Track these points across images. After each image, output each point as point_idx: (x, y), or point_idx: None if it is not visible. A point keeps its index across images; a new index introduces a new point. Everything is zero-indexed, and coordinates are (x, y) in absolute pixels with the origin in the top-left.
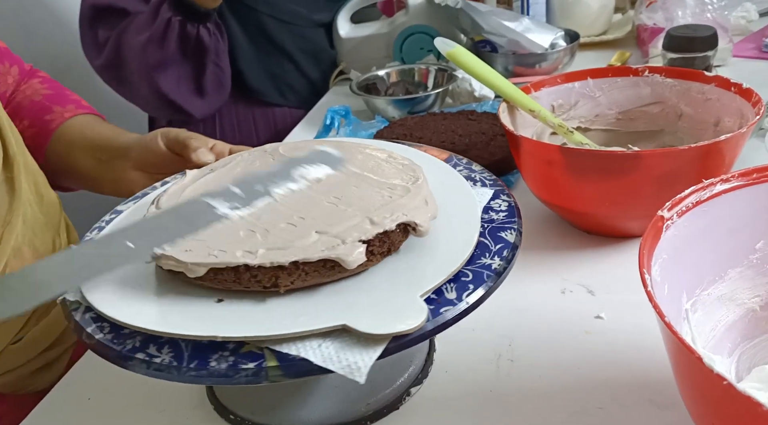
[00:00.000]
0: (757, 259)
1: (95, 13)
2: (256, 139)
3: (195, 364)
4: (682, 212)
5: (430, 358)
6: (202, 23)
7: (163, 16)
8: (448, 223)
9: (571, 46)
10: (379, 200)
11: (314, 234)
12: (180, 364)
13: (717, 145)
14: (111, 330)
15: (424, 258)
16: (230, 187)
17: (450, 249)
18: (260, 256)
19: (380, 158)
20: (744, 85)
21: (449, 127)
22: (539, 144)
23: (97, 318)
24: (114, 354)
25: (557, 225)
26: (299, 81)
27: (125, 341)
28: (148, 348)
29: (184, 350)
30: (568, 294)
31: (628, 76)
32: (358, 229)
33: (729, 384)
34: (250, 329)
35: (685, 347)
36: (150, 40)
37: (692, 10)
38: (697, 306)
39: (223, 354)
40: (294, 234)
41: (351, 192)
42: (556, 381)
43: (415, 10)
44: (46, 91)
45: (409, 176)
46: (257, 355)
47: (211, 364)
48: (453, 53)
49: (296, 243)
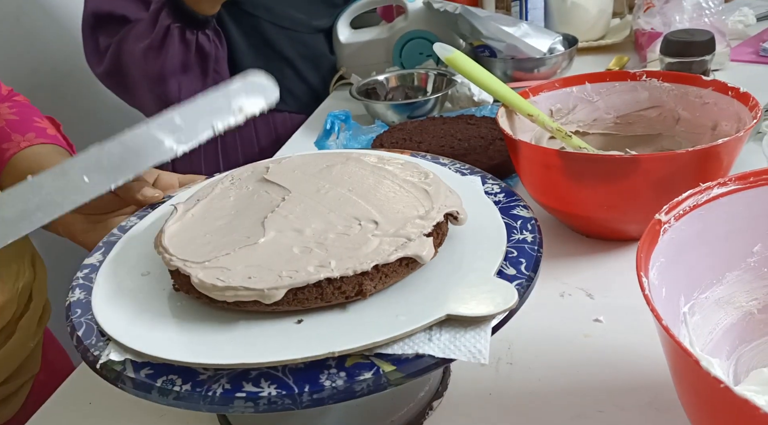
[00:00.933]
0: (754, 262)
1: (96, 20)
2: (256, 144)
3: (308, 389)
4: (680, 216)
5: (448, 369)
6: (201, 30)
7: (162, 23)
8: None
9: (570, 51)
10: (406, 196)
11: (372, 237)
12: (300, 391)
13: (714, 149)
14: (186, 380)
15: (465, 245)
16: (174, 117)
17: (484, 234)
18: (338, 268)
19: (376, 163)
20: (741, 90)
21: (448, 131)
22: (537, 148)
23: (160, 370)
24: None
25: (556, 228)
26: (299, 86)
27: (211, 384)
28: (259, 382)
29: (288, 377)
30: (567, 298)
31: (626, 80)
32: (414, 225)
33: (726, 388)
34: (355, 339)
35: (682, 350)
36: (150, 47)
37: (690, 14)
38: (695, 310)
39: (330, 371)
40: (352, 242)
41: (377, 192)
42: (555, 385)
43: (415, 15)
44: (12, 116)
45: (417, 171)
46: (366, 364)
47: (326, 384)
48: (452, 59)
49: (363, 250)
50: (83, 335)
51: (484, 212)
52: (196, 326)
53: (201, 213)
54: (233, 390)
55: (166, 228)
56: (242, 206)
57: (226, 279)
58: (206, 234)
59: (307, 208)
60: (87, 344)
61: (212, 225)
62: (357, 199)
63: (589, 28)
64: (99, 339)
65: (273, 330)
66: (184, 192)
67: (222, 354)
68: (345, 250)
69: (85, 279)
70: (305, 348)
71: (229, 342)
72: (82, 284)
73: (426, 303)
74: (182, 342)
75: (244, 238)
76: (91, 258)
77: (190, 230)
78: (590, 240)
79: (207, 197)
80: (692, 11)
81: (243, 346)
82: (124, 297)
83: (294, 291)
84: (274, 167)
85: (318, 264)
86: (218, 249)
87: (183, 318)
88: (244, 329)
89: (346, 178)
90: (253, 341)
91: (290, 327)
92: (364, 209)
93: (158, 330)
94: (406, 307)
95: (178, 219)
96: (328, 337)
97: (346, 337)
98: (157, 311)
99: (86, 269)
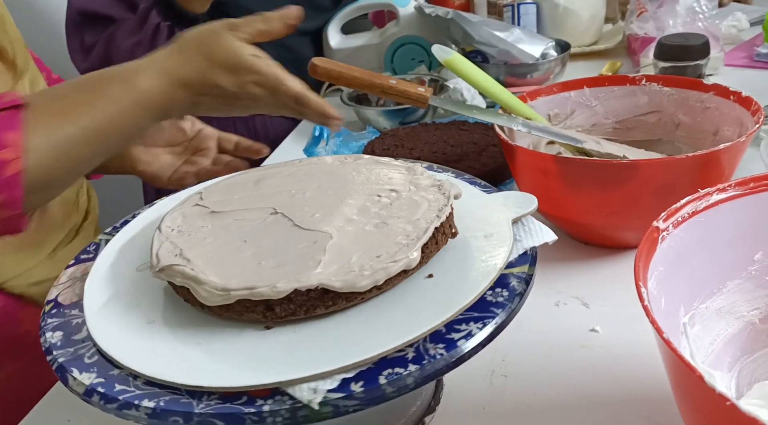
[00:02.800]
0: (755, 271)
1: (82, 18)
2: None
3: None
4: (678, 223)
5: (441, 383)
6: (190, 28)
7: (152, 22)
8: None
9: (562, 56)
10: (400, 177)
11: (400, 232)
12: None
13: (715, 155)
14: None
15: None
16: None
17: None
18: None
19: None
20: (743, 94)
21: (441, 137)
22: (534, 153)
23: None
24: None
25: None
26: None
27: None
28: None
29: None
30: (563, 307)
31: (625, 84)
32: (433, 210)
33: (733, 405)
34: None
35: (685, 365)
36: (139, 44)
37: (683, 19)
38: (695, 320)
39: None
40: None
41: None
42: (551, 398)
43: (406, 20)
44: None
45: (402, 164)
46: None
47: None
48: (450, 61)
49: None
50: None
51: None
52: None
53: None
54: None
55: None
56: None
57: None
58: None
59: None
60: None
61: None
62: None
63: (582, 34)
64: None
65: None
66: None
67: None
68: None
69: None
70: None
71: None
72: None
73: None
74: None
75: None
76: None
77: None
78: (588, 248)
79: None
80: (686, 16)
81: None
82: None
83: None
84: (211, 197)
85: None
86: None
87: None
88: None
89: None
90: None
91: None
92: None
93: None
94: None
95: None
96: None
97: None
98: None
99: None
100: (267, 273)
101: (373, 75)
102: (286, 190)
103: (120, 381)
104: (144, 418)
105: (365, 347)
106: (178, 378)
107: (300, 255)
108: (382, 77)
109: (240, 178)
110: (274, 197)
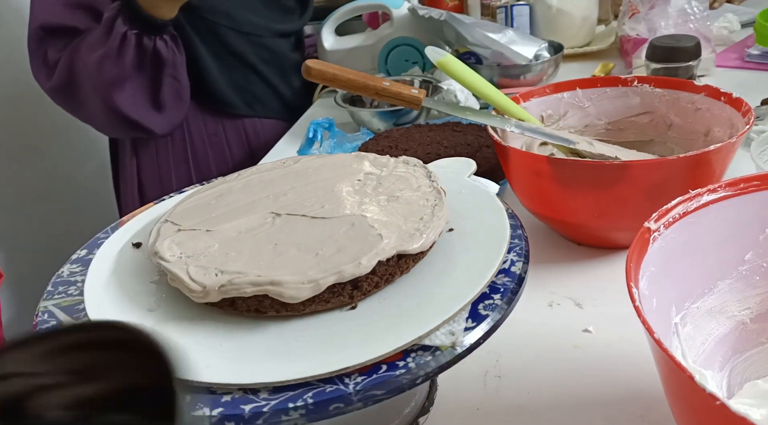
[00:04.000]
0: (746, 271)
1: (45, 33)
2: (228, 151)
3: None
4: (669, 223)
5: (435, 383)
6: (158, 35)
7: (118, 30)
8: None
9: (555, 58)
10: (356, 164)
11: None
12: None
13: (706, 155)
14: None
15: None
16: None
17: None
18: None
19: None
20: (734, 95)
21: (434, 138)
22: (527, 154)
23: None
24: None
25: (545, 236)
26: (265, 91)
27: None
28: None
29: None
30: (556, 307)
31: (617, 86)
32: (423, 178)
33: (722, 404)
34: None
35: (676, 365)
36: (105, 56)
37: (675, 20)
38: (686, 320)
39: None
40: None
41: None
42: (544, 398)
43: (400, 22)
44: None
45: (341, 156)
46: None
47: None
48: (443, 62)
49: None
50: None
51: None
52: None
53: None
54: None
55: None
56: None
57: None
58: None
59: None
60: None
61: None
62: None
63: (575, 35)
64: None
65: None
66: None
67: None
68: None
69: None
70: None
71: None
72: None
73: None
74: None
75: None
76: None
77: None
78: (580, 248)
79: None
80: (677, 17)
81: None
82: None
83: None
84: (187, 221)
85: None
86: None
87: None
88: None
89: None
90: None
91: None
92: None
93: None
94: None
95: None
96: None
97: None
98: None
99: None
100: (335, 259)
101: (367, 77)
102: (262, 196)
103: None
104: (301, 416)
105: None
106: (318, 369)
107: (352, 238)
108: (375, 79)
109: (196, 199)
110: (259, 204)
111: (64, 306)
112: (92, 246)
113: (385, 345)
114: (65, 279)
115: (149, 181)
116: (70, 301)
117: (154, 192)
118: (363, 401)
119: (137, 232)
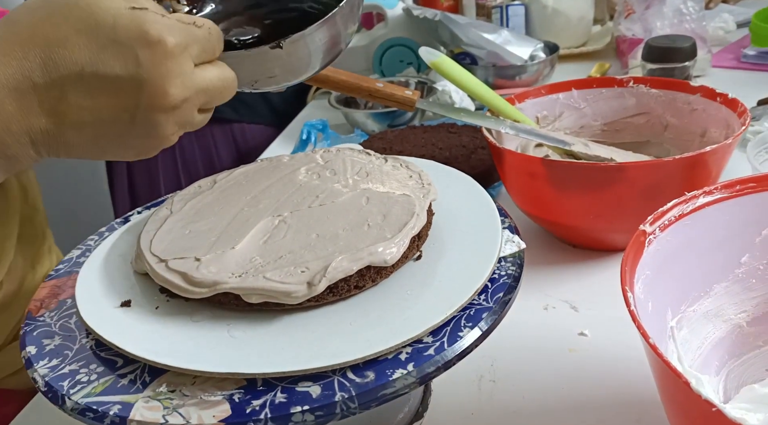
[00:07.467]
0: (742, 273)
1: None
2: (216, 154)
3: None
4: (665, 226)
5: (429, 388)
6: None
7: None
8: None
9: (551, 58)
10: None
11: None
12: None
13: (702, 157)
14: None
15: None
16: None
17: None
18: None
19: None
20: (730, 96)
21: (429, 140)
22: (522, 156)
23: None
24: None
25: (540, 238)
26: (250, 95)
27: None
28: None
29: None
30: (551, 311)
31: (612, 86)
32: (402, 169)
33: (719, 411)
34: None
35: (671, 371)
36: None
37: (671, 20)
38: (682, 324)
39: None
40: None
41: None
42: (539, 402)
43: (394, 22)
44: None
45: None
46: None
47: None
48: (437, 63)
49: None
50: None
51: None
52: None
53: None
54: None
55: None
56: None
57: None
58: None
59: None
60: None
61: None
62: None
63: (570, 35)
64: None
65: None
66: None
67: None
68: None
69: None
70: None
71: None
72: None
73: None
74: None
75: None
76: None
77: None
78: (576, 251)
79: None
80: (673, 17)
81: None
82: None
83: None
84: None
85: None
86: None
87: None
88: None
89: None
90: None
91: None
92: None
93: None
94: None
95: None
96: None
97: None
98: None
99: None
100: (390, 224)
101: (360, 78)
102: (239, 206)
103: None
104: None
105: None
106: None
107: (391, 219)
108: (368, 80)
109: (168, 230)
110: (261, 205)
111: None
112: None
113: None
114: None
115: (141, 185)
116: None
117: (145, 193)
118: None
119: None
